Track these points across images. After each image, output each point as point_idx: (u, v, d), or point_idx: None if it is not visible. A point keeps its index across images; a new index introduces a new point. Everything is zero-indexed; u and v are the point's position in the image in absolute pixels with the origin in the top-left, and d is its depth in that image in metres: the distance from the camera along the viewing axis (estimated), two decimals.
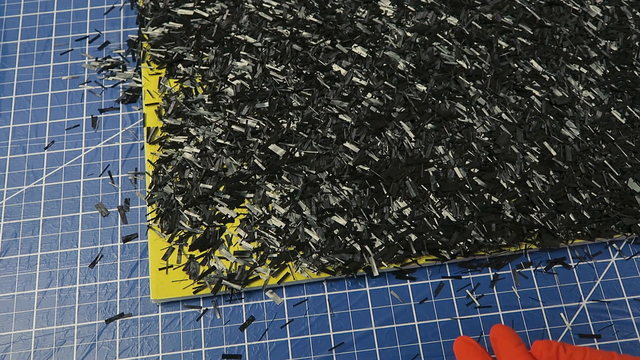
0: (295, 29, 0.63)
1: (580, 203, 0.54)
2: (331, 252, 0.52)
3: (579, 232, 0.54)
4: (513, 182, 0.55)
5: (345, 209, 0.54)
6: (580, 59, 0.62)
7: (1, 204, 0.56)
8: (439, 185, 0.55)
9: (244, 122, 0.58)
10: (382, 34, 0.63)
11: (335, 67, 0.61)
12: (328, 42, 0.63)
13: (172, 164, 0.57)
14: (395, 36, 0.63)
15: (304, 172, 0.55)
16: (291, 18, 0.64)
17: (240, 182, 0.55)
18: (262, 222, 0.54)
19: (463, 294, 0.52)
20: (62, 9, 0.67)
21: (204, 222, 0.54)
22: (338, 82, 0.60)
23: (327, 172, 0.56)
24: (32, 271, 0.53)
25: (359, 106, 0.59)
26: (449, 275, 0.53)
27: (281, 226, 0.53)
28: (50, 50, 0.65)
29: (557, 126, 0.58)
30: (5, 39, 0.65)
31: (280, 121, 0.58)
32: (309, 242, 0.53)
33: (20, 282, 0.53)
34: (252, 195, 0.55)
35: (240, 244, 0.53)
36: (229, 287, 0.52)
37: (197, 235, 0.53)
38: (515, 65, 0.62)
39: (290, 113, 0.59)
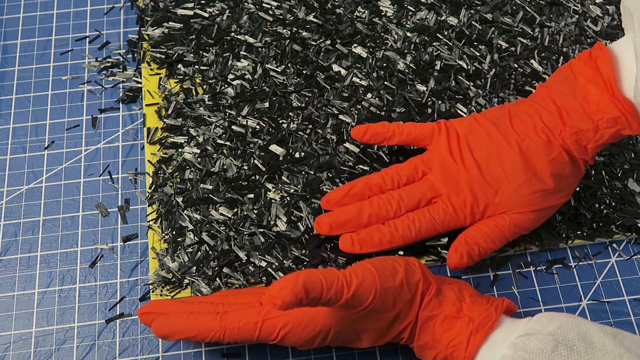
0: (295, 29, 0.63)
1: (581, 203, 0.54)
2: None
3: (579, 232, 0.54)
4: None
5: None
6: None
7: (1, 204, 0.56)
8: None
9: (244, 123, 0.58)
10: (382, 34, 0.63)
11: (335, 67, 0.61)
12: (328, 42, 0.63)
13: (172, 164, 0.57)
14: (395, 36, 0.63)
15: (303, 172, 0.55)
16: (291, 18, 0.64)
17: (240, 182, 0.55)
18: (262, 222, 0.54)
19: None
20: (62, 9, 0.67)
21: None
22: (338, 82, 0.60)
23: (327, 172, 0.56)
24: (32, 271, 0.53)
25: (359, 106, 0.59)
26: (449, 275, 0.53)
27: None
28: (50, 50, 0.65)
29: None
30: (5, 39, 0.65)
31: (280, 121, 0.58)
32: None
33: (20, 282, 0.53)
34: (252, 195, 0.55)
35: None
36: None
37: None
38: (515, 65, 0.62)
39: (290, 113, 0.59)
